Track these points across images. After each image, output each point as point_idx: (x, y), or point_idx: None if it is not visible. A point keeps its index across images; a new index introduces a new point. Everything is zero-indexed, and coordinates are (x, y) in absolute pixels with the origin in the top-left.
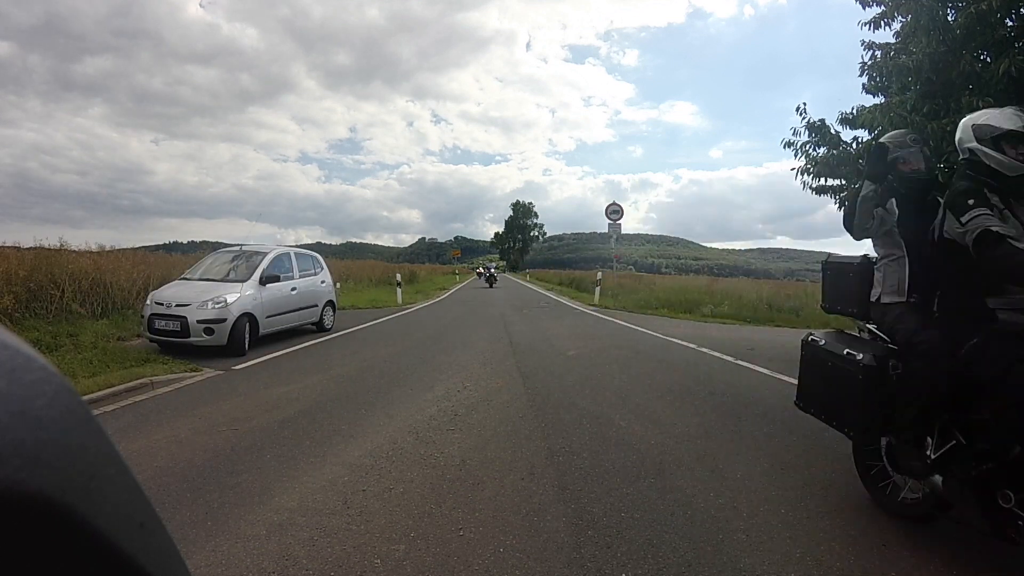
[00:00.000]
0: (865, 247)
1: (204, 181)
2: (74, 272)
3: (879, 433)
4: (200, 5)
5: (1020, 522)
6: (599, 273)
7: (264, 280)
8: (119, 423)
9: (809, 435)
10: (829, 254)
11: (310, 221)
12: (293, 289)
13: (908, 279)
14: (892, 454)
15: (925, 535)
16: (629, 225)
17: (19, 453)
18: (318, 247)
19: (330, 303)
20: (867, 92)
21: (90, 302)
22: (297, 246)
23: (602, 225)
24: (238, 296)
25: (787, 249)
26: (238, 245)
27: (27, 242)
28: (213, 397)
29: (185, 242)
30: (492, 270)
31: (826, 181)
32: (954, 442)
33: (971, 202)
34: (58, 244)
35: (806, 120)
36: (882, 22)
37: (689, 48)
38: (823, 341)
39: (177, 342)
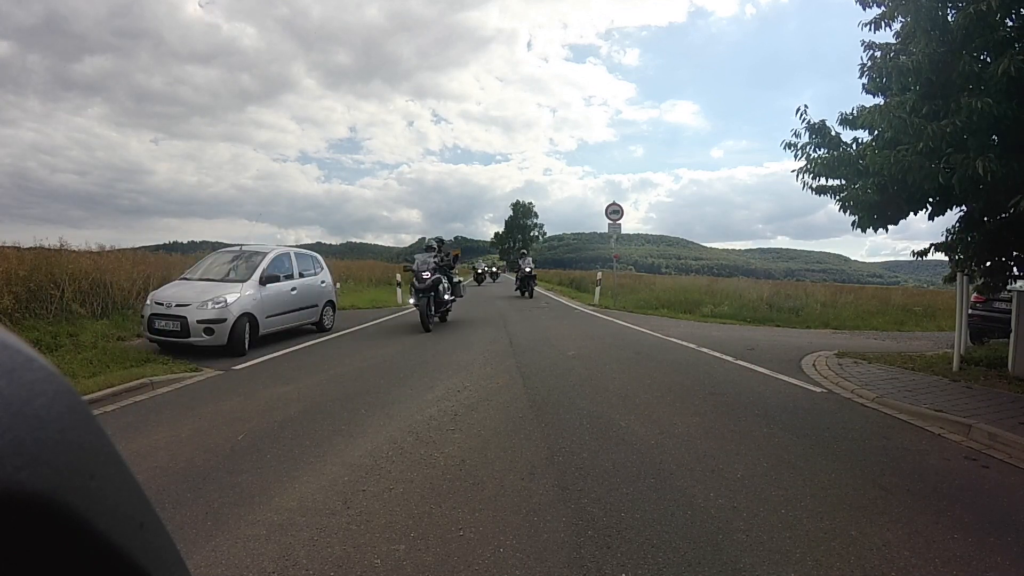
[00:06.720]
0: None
1: (204, 181)
2: (74, 272)
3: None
4: (199, 5)
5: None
6: (599, 273)
7: (264, 280)
8: (119, 423)
9: (809, 435)
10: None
11: (310, 221)
12: (293, 289)
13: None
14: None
15: (925, 536)
16: (629, 225)
17: (19, 453)
18: (318, 247)
19: (330, 303)
20: (867, 92)
21: (90, 302)
22: (297, 246)
23: (602, 225)
24: (238, 296)
25: (787, 249)
26: (238, 245)
27: (27, 242)
28: (213, 397)
29: (185, 242)
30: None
31: (827, 181)
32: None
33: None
34: (58, 244)
35: (806, 121)
36: (882, 23)
37: (690, 47)
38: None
39: (177, 342)
